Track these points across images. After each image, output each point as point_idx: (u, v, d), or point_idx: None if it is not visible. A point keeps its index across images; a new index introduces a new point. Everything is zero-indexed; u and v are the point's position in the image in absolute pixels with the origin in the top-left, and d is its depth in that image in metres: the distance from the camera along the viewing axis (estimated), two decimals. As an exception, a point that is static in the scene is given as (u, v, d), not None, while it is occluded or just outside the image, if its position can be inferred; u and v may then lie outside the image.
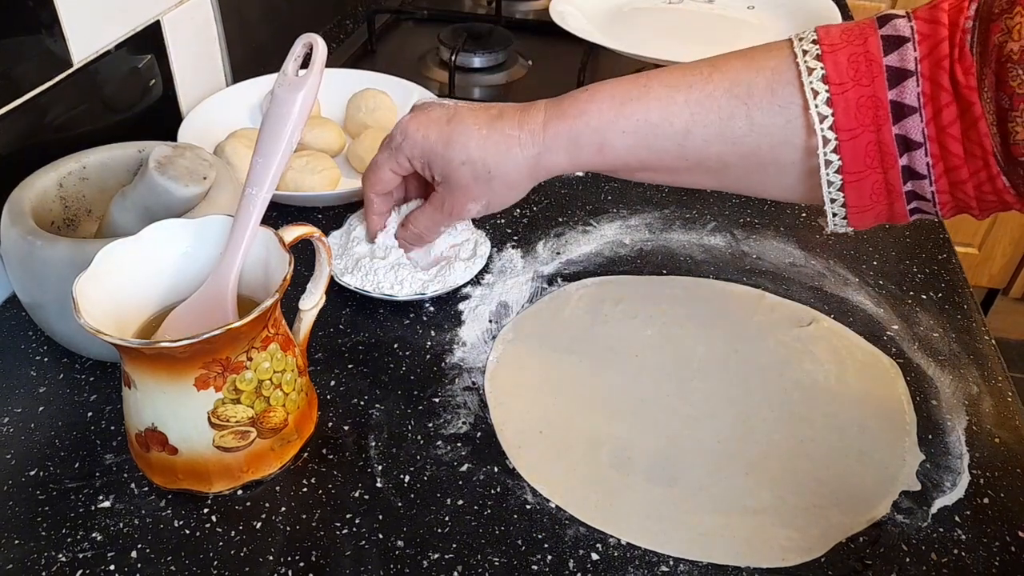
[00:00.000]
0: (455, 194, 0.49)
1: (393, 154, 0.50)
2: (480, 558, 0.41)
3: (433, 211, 0.52)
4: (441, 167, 0.48)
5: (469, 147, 0.47)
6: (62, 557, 0.40)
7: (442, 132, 0.48)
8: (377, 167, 0.52)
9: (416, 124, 0.49)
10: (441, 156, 0.48)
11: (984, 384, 0.52)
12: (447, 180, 0.49)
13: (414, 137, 0.49)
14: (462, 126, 0.47)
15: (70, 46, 0.57)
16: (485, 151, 0.47)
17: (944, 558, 0.42)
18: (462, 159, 0.47)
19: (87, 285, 0.39)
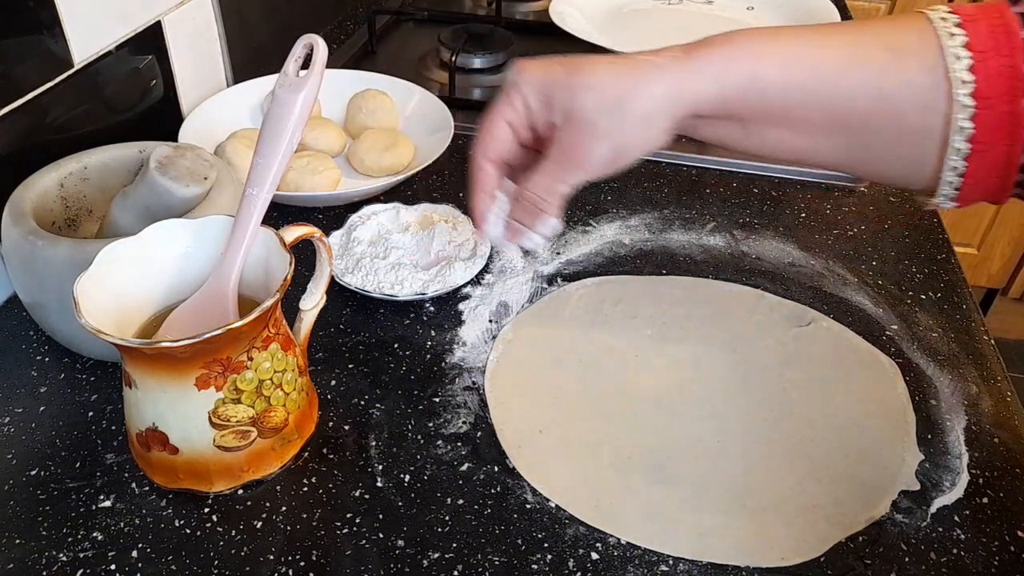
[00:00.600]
0: (579, 133, 0.42)
1: (508, 97, 0.43)
2: (480, 557, 0.41)
3: (552, 164, 0.43)
4: (563, 98, 0.42)
5: (597, 71, 0.41)
6: (63, 556, 0.40)
7: (566, 64, 0.42)
8: (490, 122, 0.44)
9: (533, 63, 0.43)
10: (563, 84, 0.42)
11: (983, 384, 0.52)
12: (569, 116, 0.42)
13: (533, 71, 0.43)
14: (588, 60, 0.42)
15: (71, 46, 0.57)
16: (616, 77, 0.41)
17: (943, 557, 0.42)
18: (587, 84, 0.41)
19: (88, 285, 0.39)
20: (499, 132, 0.44)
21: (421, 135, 0.73)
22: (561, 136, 0.42)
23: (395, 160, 0.69)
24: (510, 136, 0.44)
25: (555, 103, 0.42)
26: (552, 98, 0.42)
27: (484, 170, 0.45)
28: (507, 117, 0.44)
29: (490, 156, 0.45)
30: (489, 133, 0.44)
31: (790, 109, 0.42)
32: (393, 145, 0.69)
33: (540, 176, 0.44)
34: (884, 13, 1.53)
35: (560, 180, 0.43)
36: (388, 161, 0.69)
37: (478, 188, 0.46)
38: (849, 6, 1.20)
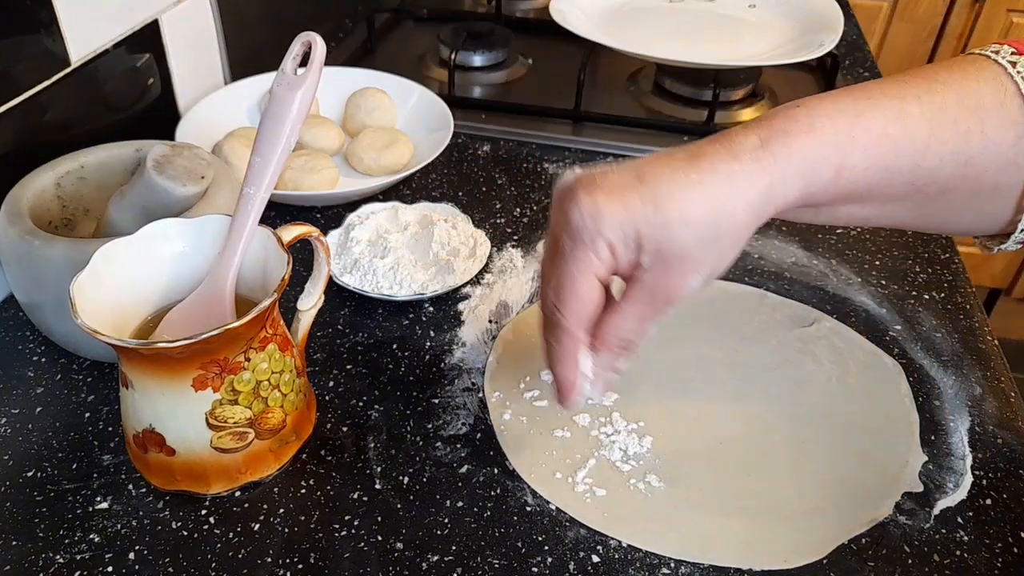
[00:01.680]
0: (673, 270, 0.37)
1: (589, 249, 0.37)
2: (480, 560, 0.41)
3: (640, 307, 0.39)
4: (656, 239, 0.36)
5: (689, 200, 0.36)
6: (60, 558, 0.40)
7: (643, 194, 0.36)
8: (574, 282, 0.38)
9: (605, 196, 0.37)
10: (654, 223, 0.36)
11: (987, 385, 0.52)
12: (661, 255, 0.37)
13: (612, 212, 0.36)
14: (663, 180, 0.37)
15: (68, 45, 0.57)
16: (708, 201, 0.36)
17: (946, 559, 0.41)
18: (682, 219, 0.36)
19: (85, 285, 0.39)
20: (590, 291, 0.38)
21: (420, 134, 0.73)
22: (651, 276, 0.38)
23: (394, 159, 0.68)
24: (600, 291, 0.39)
25: (645, 244, 0.37)
26: (641, 239, 0.37)
27: (577, 337, 0.39)
28: (595, 271, 0.38)
29: (583, 322, 0.39)
30: (577, 296, 0.38)
31: (872, 188, 0.39)
32: (392, 144, 0.69)
33: (625, 320, 0.39)
34: (886, 12, 1.53)
35: (650, 319, 0.39)
36: (387, 160, 0.68)
37: (569, 358, 0.39)
38: (852, 4, 1.20)
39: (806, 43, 0.82)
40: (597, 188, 0.37)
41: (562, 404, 0.41)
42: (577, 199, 0.37)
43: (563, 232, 0.38)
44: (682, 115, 0.82)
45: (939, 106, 0.38)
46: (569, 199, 0.37)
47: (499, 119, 0.79)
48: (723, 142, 0.38)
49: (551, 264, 0.39)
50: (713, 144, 0.38)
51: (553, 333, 0.39)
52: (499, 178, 0.72)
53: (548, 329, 0.40)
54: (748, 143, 0.37)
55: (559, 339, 0.39)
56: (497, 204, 0.68)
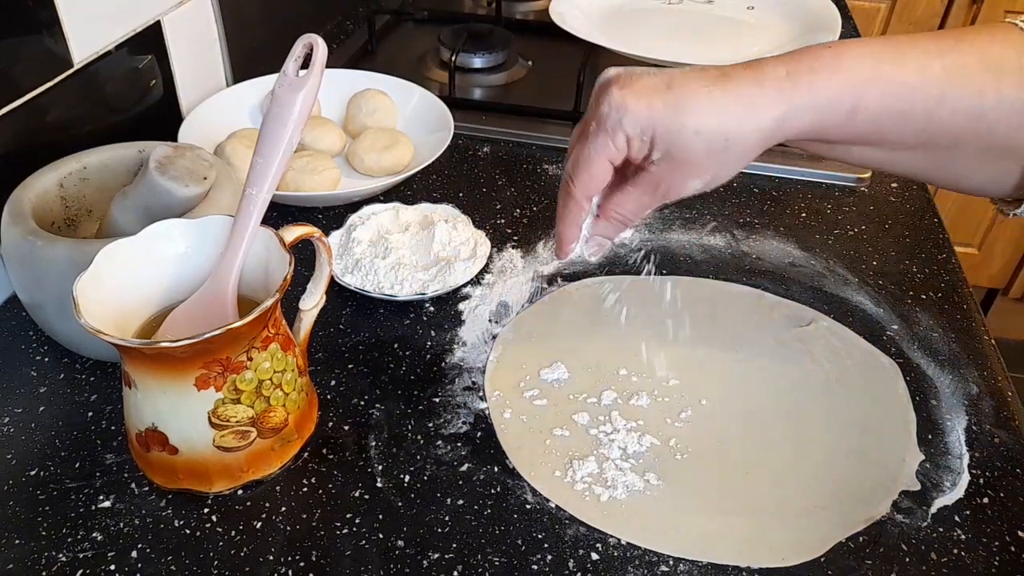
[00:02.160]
0: (678, 171, 0.42)
1: (609, 136, 0.42)
2: (480, 558, 0.41)
3: (642, 194, 0.44)
4: (668, 140, 0.41)
5: (703, 112, 0.41)
6: (62, 557, 0.40)
7: (667, 99, 0.41)
8: (589, 160, 0.43)
9: (634, 95, 0.41)
10: (668, 127, 0.41)
11: (984, 384, 0.52)
12: (671, 155, 0.42)
13: (635, 109, 0.41)
14: (688, 90, 0.41)
15: (71, 46, 0.57)
16: (723, 116, 0.41)
17: (944, 558, 0.42)
18: (695, 127, 0.41)
19: (87, 285, 0.39)
20: (600, 171, 0.44)
21: (421, 135, 0.73)
22: (658, 170, 0.43)
23: (395, 160, 0.69)
24: (609, 172, 0.44)
25: (658, 142, 0.42)
26: (655, 137, 0.42)
27: (581, 206, 0.45)
28: (609, 156, 0.43)
29: (589, 194, 0.45)
30: (589, 172, 0.44)
31: (883, 133, 0.42)
32: (393, 145, 0.69)
33: (628, 200, 0.45)
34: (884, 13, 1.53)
35: (648, 206, 0.45)
36: (388, 161, 0.69)
37: (571, 221, 0.46)
38: (850, 6, 1.20)
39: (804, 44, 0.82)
40: (629, 86, 0.42)
41: (558, 255, 0.48)
42: (610, 92, 0.42)
43: (592, 118, 0.43)
44: (681, 116, 0.82)
45: (960, 64, 0.40)
46: (604, 91, 0.43)
47: (499, 120, 0.79)
48: (753, 68, 0.42)
49: (578, 142, 0.45)
50: (743, 68, 0.42)
51: (563, 198, 0.46)
52: (499, 179, 0.72)
53: (561, 193, 0.46)
54: (775, 73, 0.41)
55: (567, 204, 0.45)
56: (497, 205, 0.68)
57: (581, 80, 0.79)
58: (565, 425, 0.48)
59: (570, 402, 0.50)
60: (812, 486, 0.45)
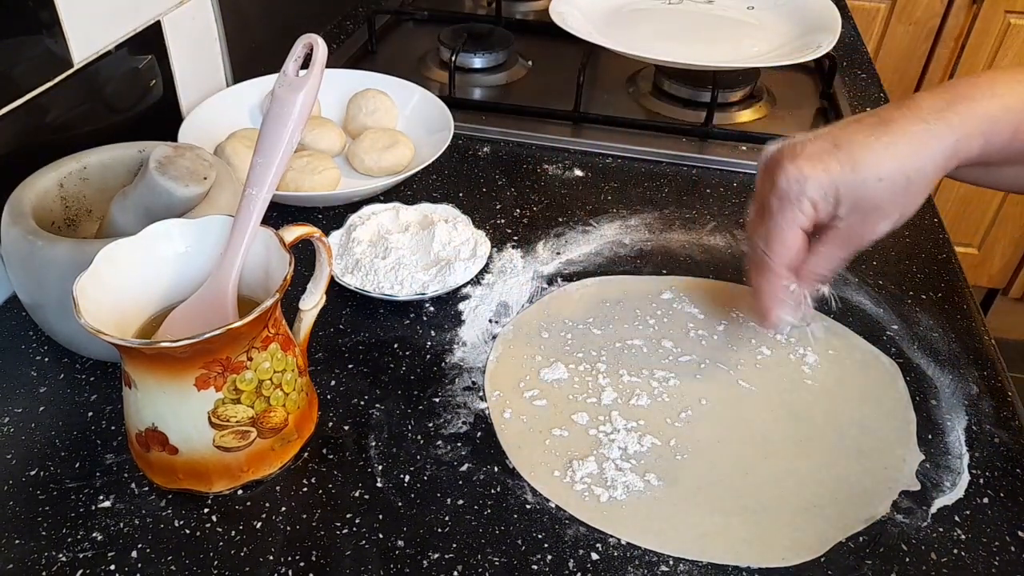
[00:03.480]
0: (867, 219, 0.45)
1: (795, 207, 0.45)
2: (480, 558, 0.41)
3: (835, 249, 0.46)
4: (853, 195, 0.44)
5: (881, 161, 0.43)
6: (62, 557, 0.40)
7: (840, 158, 0.43)
8: (782, 232, 0.46)
9: (808, 163, 0.44)
10: (851, 183, 0.43)
11: (984, 384, 0.52)
12: (858, 207, 0.44)
13: (815, 176, 0.44)
14: (857, 144, 0.43)
15: (71, 46, 0.57)
16: (899, 158, 0.43)
17: (944, 558, 0.42)
18: (877, 176, 0.43)
19: (87, 285, 0.39)
20: (795, 241, 0.46)
21: (421, 135, 0.73)
22: (847, 224, 0.45)
23: (395, 160, 0.69)
24: (803, 240, 0.46)
25: (843, 199, 0.44)
26: (840, 196, 0.44)
27: (783, 277, 0.47)
28: (800, 224, 0.45)
29: (788, 263, 0.47)
30: (786, 245, 0.46)
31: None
32: (393, 145, 0.69)
33: (822, 259, 0.47)
34: (884, 13, 1.53)
35: (842, 258, 0.47)
36: (388, 161, 0.69)
37: (776, 295, 0.48)
38: (850, 6, 1.20)
39: (804, 44, 0.82)
40: (799, 156, 0.44)
41: (766, 327, 0.50)
42: (783, 167, 0.45)
43: (771, 195, 0.46)
44: (681, 116, 0.82)
45: None
46: (776, 167, 0.45)
47: (499, 120, 0.79)
48: (909, 107, 0.44)
49: (760, 220, 0.47)
50: (900, 109, 0.44)
51: (762, 273, 0.48)
52: (499, 179, 0.72)
53: (757, 270, 0.48)
54: (935, 105, 0.43)
55: (768, 279, 0.47)
56: (497, 205, 0.68)
57: (581, 80, 0.79)
58: (565, 425, 0.48)
59: (570, 402, 0.50)
60: (812, 486, 0.45)
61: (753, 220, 0.49)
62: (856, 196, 0.44)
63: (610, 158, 0.76)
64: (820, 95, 0.88)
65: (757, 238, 0.48)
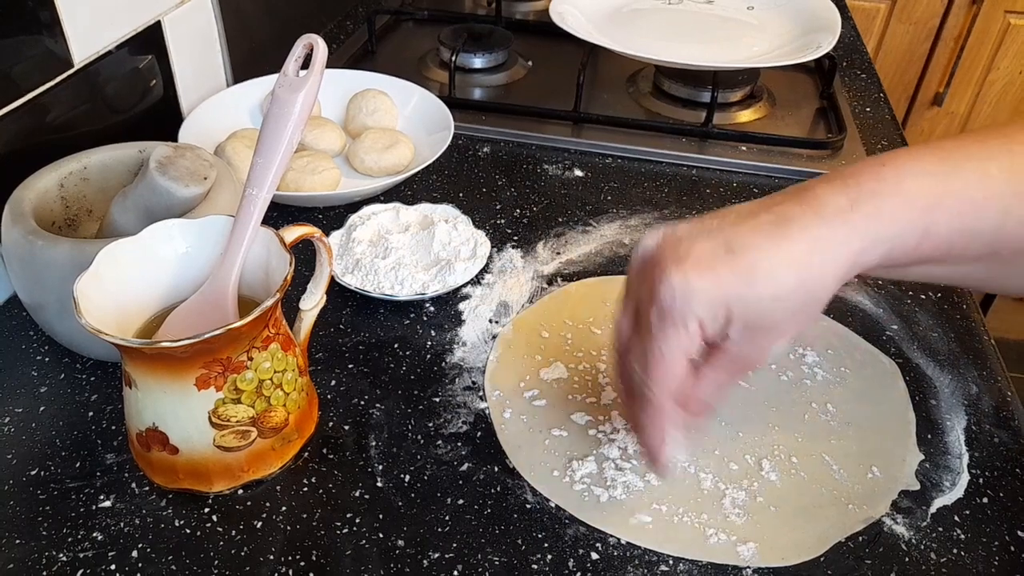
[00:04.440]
0: (760, 339, 0.38)
1: (679, 327, 0.37)
2: (480, 557, 0.41)
3: (723, 374, 0.40)
4: (746, 313, 0.37)
5: (778, 272, 0.36)
6: (63, 556, 0.40)
7: (734, 267, 0.36)
8: (663, 359, 0.38)
9: (696, 272, 0.37)
10: (745, 299, 0.36)
11: (983, 384, 0.52)
12: (750, 328, 0.37)
13: (704, 290, 0.36)
14: (752, 248, 0.37)
15: (71, 46, 0.57)
16: (800, 270, 0.36)
17: (943, 558, 0.42)
18: (774, 294, 0.36)
19: (88, 285, 0.39)
20: (679, 368, 0.39)
21: (421, 135, 0.73)
22: (738, 346, 0.38)
23: (395, 160, 0.69)
24: (686, 367, 0.39)
25: (734, 319, 0.37)
26: (731, 315, 0.37)
27: (665, 409, 0.39)
28: (684, 349, 0.38)
29: (672, 393, 0.39)
30: (668, 371, 0.39)
31: (951, 252, 0.39)
32: (393, 145, 0.69)
33: (708, 385, 0.40)
34: (884, 13, 1.53)
35: (731, 384, 0.41)
36: (388, 161, 0.69)
37: (658, 428, 0.40)
38: (850, 6, 1.20)
39: (804, 44, 0.82)
40: (684, 261, 0.37)
41: (656, 471, 0.43)
42: (667, 274, 0.37)
43: (650, 306, 0.38)
44: (681, 116, 0.82)
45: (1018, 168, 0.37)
46: (657, 272, 0.38)
47: (499, 120, 0.79)
48: (809, 203, 0.37)
49: (635, 335, 0.40)
50: (799, 204, 0.37)
51: (641, 405, 0.40)
52: (499, 179, 0.72)
53: (633, 400, 0.41)
54: (836, 203, 0.37)
55: (648, 413, 0.40)
56: (497, 205, 0.68)
57: (581, 80, 0.79)
58: (565, 425, 0.48)
59: (570, 402, 0.50)
60: (811, 485, 0.45)
61: (624, 331, 0.41)
62: (749, 314, 0.37)
63: (610, 158, 0.76)
64: (820, 95, 0.88)
65: (632, 359, 0.40)
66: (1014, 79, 1.55)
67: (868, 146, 0.78)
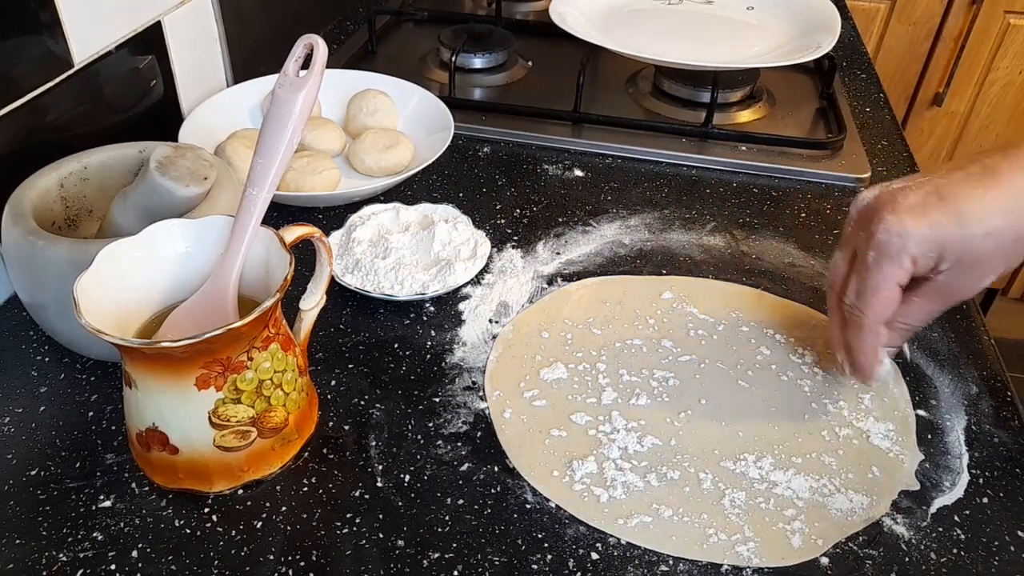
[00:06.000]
0: (970, 274, 0.44)
1: (894, 263, 0.43)
2: (480, 557, 0.41)
3: (931, 303, 0.46)
4: (957, 251, 0.43)
5: (989, 215, 0.42)
6: (63, 556, 0.40)
7: (945, 212, 0.42)
8: (879, 289, 0.45)
9: (911, 216, 0.43)
10: (956, 238, 0.42)
11: (983, 384, 0.52)
12: (961, 263, 0.43)
13: (918, 231, 0.42)
14: (963, 196, 0.42)
15: (71, 46, 0.57)
16: (1007, 213, 0.42)
17: (943, 557, 0.42)
18: (984, 231, 0.42)
19: (88, 285, 0.39)
20: (892, 297, 0.45)
21: (421, 135, 0.73)
22: (949, 279, 0.44)
23: (395, 160, 0.69)
24: (899, 296, 0.45)
25: (947, 255, 0.43)
26: (944, 251, 0.43)
27: (878, 333, 0.46)
28: (898, 279, 0.44)
29: (883, 319, 0.46)
30: (883, 299, 0.45)
31: None
32: (393, 145, 0.69)
33: (916, 311, 0.46)
34: (884, 14, 1.53)
35: (937, 312, 0.46)
36: (388, 161, 0.69)
37: (870, 349, 0.47)
38: (850, 6, 1.20)
39: (804, 45, 0.82)
40: (900, 208, 0.43)
41: (865, 381, 0.49)
42: (883, 218, 0.43)
43: (868, 247, 0.44)
44: (681, 116, 0.82)
45: None
46: (873, 217, 0.44)
47: (499, 121, 0.79)
48: (1016, 157, 0.43)
49: (850, 270, 0.46)
50: (1007, 159, 0.43)
51: (856, 331, 0.46)
52: (499, 179, 0.72)
53: (850, 326, 0.47)
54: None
55: (862, 335, 0.46)
56: (497, 205, 0.68)
57: (581, 81, 0.79)
58: (565, 425, 0.48)
59: (570, 402, 0.50)
60: (811, 485, 0.45)
61: (840, 268, 0.48)
62: (960, 252, 0.43)
63: (610, 158, 0.76)
64: (820, 95, 0.88)
65: (849, 290, 0.46)
66: (1014, 79, 1.55)
67: (868, 146, 0.78)
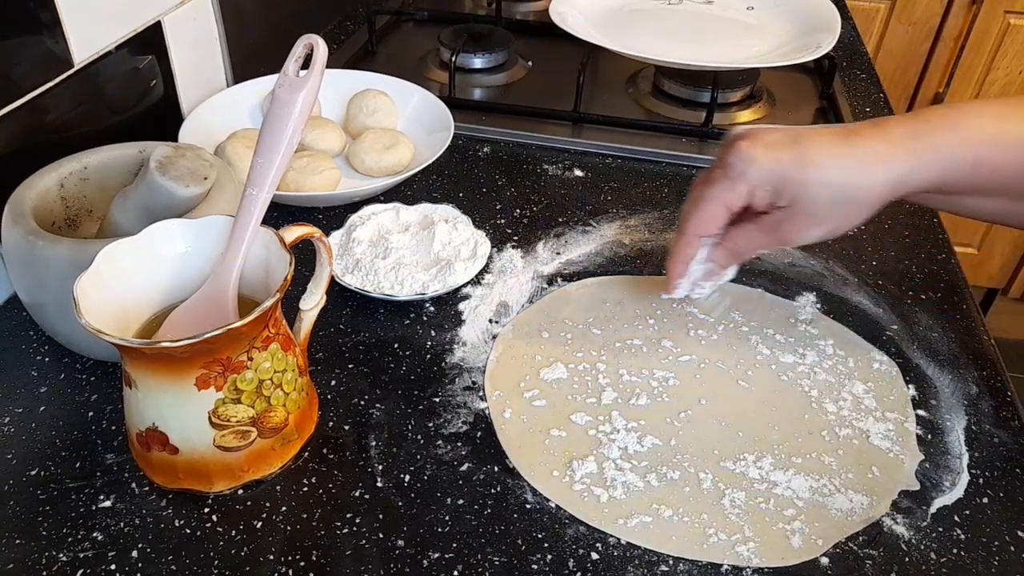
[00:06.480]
0: (800, 219, 0.46)
1: (731, 184, 0.46)
2: (480, 557, 0.41)
3: (761, 234, 0.48)
4: (793, 191, 0.45)
5: (831, 165, 0.44)
6: (63, 556, 0.40)
7: (794, 152, 0.44)
8: (706, 202, 0.47)
9: (762, 148, 0.45)
10: (795, 179, 0.44)
11: (983, 384, 0.52)
12: (795, 204, 0.45)
13: (762, 161, 0.45)
14: (815, 143, 0.44)
15: (71, 46, 0.57)
16: (850, 170, 0.44)
17: (943, 557, 0.42)
18: (821, 180, 0.44)
19: (88, 285, 0.39)
20: (715, 213, 0.47)
21: (421, 135, 0.73)
22: (781, 218, 0.46)
23: (395, 160, 0.69)
24: (724, 216, 0.47)
25: (784, 193, 0.45)
26: (782, 189, 0.45)
27: (692, 244, 0.49)
28: (727, 201, 0.46)
29: (700, 232, 0.48)
30: (705, 211, 0.47)
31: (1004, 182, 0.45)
32: (393, 145, 0.69)
33: (745, 236, 0.48)
34: (884, 14, 1.53)
35: (763, 245, 0.49)
36: (388, 161, 0.69)
37: (681, 258, 0.50)
38: (850, 6, 1.20)
39: (804, 45, 0.82)
40: (757, 140, 0.45)
41: (667, 291, 0.52)
42: (737, 145, 0.46)
43: (718, 166, 0.47)
44: (681, 116, 0.82)
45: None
46: (732, 144, 0.46)
47: (499, 121, 0.79)
48: (879, 125, 0.45)
49: (699, 185, 0.49)
50: (871, 127, 0.45)
51: (675, 235, 0.50)
52: (499, 179, 0.72)
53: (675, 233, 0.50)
54: (901, 131, 0.44)
55: (677, 241, 0.50)
56: (497, 205, 0.68)
57: (581, 81, 0.79)
58: (565, 425, 0.48)
59: (570, 402, 0.50)
60: (811, 485, 0.45)
61: (696, 184, 0.50)
62: (796, 194, 0.44)
63: (610, 158, 0.76)
64: (820, 95, 0.88)
65: (687, 201, 0.49)
66: (1014, 79, 1.55)
67: (868, 146, 0.78)
